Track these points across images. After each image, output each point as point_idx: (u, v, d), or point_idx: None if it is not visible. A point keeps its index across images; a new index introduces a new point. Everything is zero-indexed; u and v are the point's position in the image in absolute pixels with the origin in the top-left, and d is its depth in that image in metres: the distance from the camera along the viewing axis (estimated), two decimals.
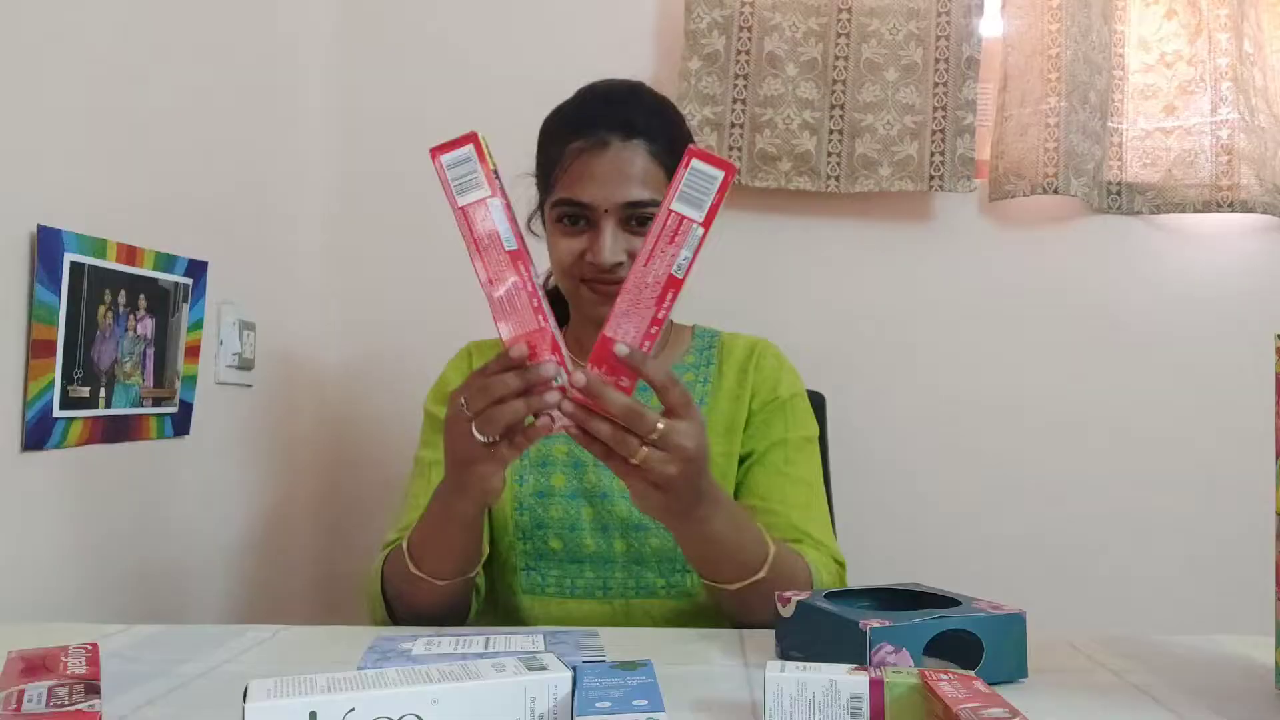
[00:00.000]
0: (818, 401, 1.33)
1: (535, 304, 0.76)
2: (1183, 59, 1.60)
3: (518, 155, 1.10)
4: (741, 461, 1.10)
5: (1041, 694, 0.67)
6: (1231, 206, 1.56)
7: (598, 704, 0.54)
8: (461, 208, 0.75)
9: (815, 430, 1.14)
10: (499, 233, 0.75)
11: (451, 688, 0.55)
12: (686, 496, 0.81)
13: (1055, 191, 1.54)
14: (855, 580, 1.06)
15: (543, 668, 0.58)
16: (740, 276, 1.62)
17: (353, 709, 0.53)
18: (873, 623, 0.66)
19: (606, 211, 1.02)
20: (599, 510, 1.06)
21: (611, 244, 1.02)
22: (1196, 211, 1.59)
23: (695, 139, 1.58)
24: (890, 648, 0.65)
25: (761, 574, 0.88)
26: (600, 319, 1.03)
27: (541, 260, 1.17)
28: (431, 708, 0.55)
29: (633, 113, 1.04)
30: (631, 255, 1.02)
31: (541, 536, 1.06)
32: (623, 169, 1.02)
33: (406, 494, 1.11)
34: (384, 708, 0.54)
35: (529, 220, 1.16)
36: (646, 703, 0.55)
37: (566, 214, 1.04)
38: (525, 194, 1.11)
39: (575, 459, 1.08)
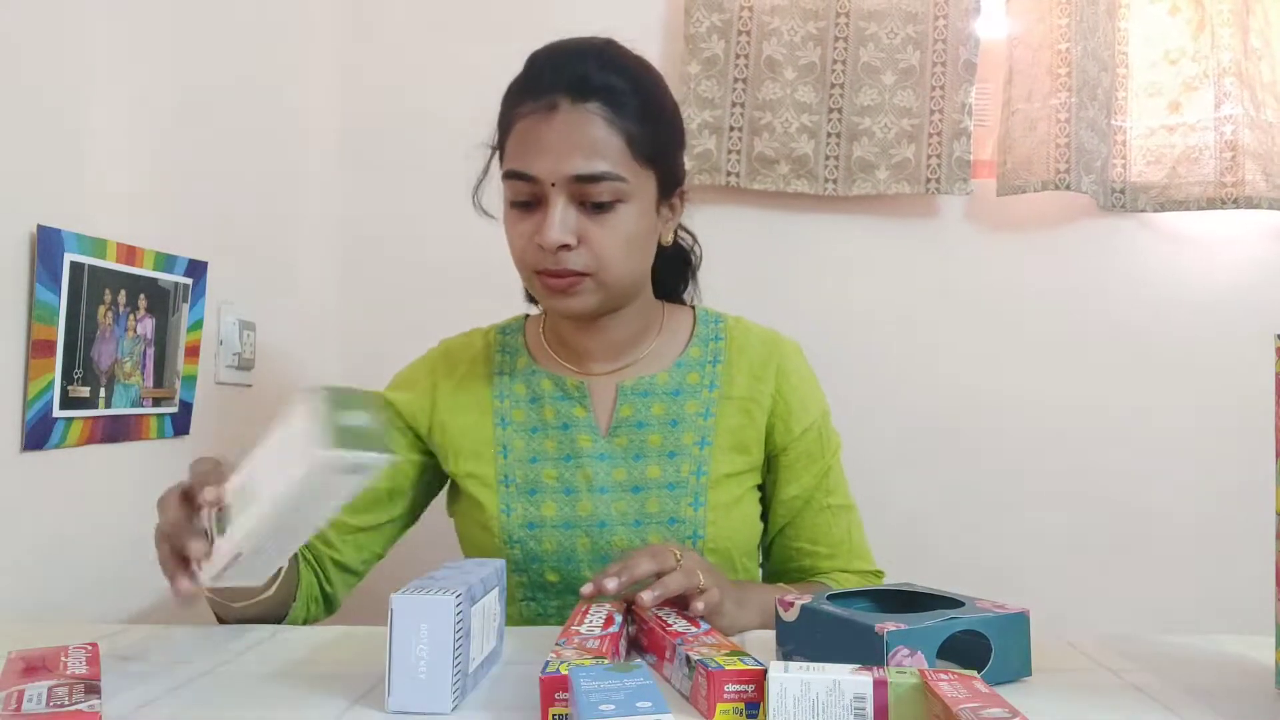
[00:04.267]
0: None
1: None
2: (1186, 55, 1.60)
3: None
4: (764, 469, 1.05)
5: (1041, 694, 0.67)
6: (1236, 203, 1.56)
7: (601, 707, 0.53)
8: None
9: (840, 438, 1.09)
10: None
11: None
12: (730, 586, 0.87)
13: (1067, 188, 1.54)
14: None
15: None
16: (738, 278, 1.62)
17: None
18: (889, 626, 0.65)
19: (554, 185, 0.90)
20: (596, 540, 0.98)
21: (560, 222, 0.89)
22: (1201, 209, 1.58)
23: (694, 142, 1.58)
24: (906, 650, 0.64)
25: None
26: (560, 315, 0.98)
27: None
28: None
29: (587, 70, 0.91)
30: (584, 239, 0.91)
31: (537, 570, 0.99)
32: (572, 136, 0.89)
33: None
34: None
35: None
36: (650, 704, 0.54)
37: (516, 191, 0.93)
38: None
39: (567, 484, 1.00)
